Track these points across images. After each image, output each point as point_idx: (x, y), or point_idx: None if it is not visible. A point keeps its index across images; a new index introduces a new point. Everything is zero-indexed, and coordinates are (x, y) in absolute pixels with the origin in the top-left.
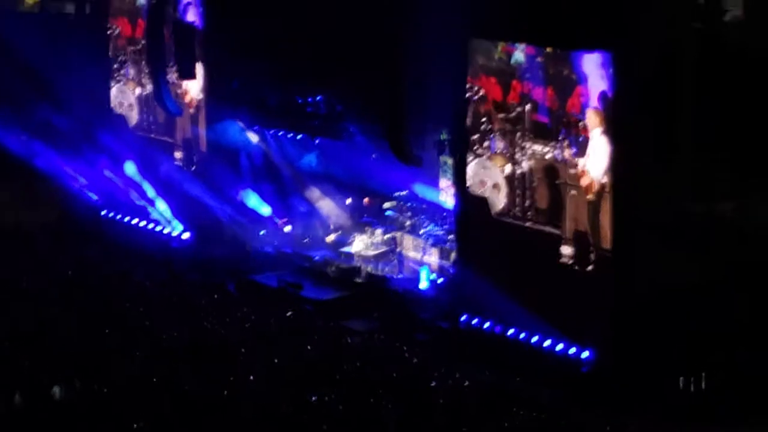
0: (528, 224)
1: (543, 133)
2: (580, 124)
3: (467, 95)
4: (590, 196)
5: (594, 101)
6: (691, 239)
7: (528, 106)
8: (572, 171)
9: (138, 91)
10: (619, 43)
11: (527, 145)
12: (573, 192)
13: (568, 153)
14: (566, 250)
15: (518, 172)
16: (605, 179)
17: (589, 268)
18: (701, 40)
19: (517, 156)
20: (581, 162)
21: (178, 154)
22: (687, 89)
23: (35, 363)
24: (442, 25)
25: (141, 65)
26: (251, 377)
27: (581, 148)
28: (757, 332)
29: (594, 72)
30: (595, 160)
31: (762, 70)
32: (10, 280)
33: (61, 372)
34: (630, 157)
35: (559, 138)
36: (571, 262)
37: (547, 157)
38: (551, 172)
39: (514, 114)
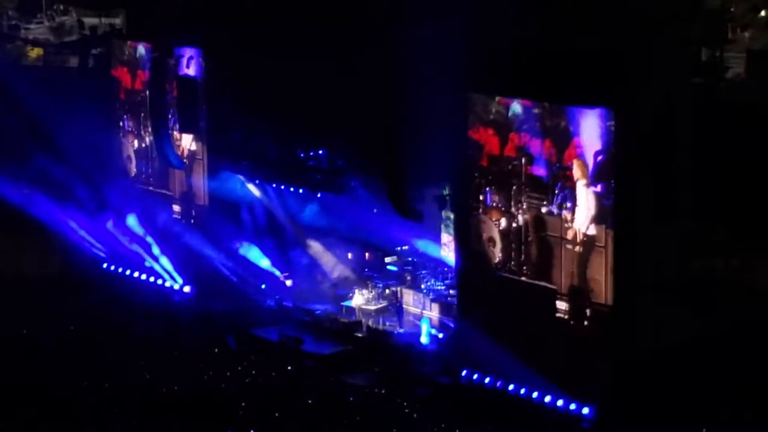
0: (524, 278)
1: (539, 187)
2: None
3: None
4: (580, 249)
5: (587, 154)
6: (690, 296)
7: (524, 159)
8: (567, 225)
9: (137, 143)
10: (619, 100)
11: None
12: (568, 246)
13: (563, 206)
14: (562, 305)
15: (513, 226)
16: (593, 231)
17: (585, 323)
18: (702, 96)
19: (513, 210)
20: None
21: (176, 207)
22: (686, 145)
23: (34, 414)
24: (440, 80)
25: (141, 117)
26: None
27: (576, 202)
28: (758, 387)
29: (591, 126)
30: (582, 212)
31: (762, 126)
32: (10, 331)
33: (59, 424)
34: (630, 212)
35: (556, 191)
36: (566, 317)
37: (543, 210)
38: (546, 226)
39: (510, 167)
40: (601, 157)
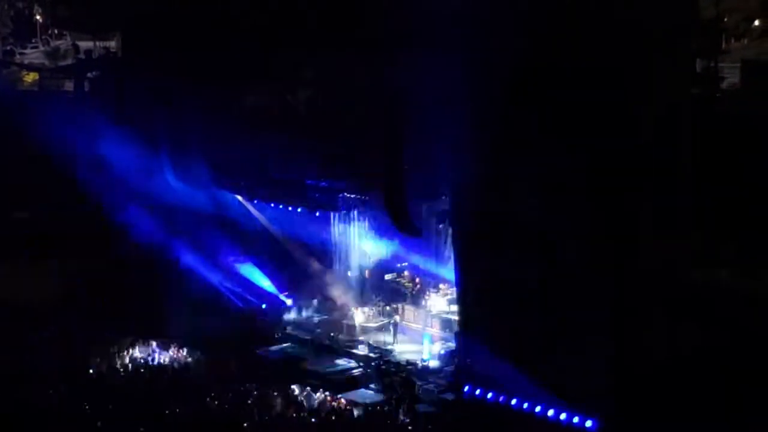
0: None
1: None
2: None
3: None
4: None
5: None
6: (693, 307)
7: None
8: None
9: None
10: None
11: None
12: None
13: None
14: None
15: None
16: None
17: None
18: (699, 106)
19: None
20: None
21: None
22: (687, 155)
23: None
24: (438, 97)
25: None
26: None
27: None
28: (761, 398)
29: None
30: None
31: (758, 135)
32: (12, 357)
33: None
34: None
35: None
36: None
37: None
38: None
39: None
40: None
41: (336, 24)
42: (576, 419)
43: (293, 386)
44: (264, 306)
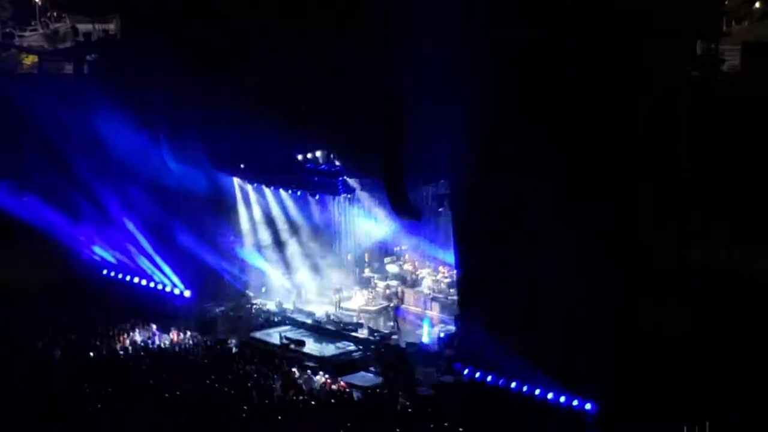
0: None
1: None
2: None
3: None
4: None
5: None
6: (691, 291)
7: None
8: None
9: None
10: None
11: None
12: None
13: None
14: None
15: None
16: None
17: None
18: (699, 89)
19: None
20: None
21: None
22: (686, 139)
23: (41, 422)
24: (436, 81)
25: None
26: None
27: None
28: (759, 383)
29: None
30: None
31: (758, 118)
32: (12, 340)
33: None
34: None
35: None
36: None
37: None
38: None
39: None
40: None
41: (337, 14)
42: (576, 402)
43: (293, 369)
44: (264, 289)
